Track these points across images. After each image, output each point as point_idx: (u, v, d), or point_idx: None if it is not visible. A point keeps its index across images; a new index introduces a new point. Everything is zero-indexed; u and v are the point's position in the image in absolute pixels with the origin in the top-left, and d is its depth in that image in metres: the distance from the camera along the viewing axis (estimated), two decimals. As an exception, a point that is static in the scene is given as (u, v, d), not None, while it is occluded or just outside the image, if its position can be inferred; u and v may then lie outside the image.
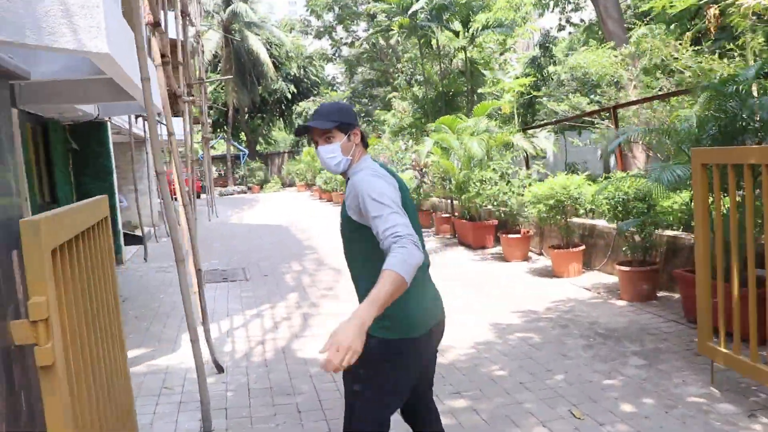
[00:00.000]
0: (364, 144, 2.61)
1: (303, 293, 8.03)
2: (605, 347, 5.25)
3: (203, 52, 21.12)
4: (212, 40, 31.62)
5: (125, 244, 11.47)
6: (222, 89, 35.41)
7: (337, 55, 34.44)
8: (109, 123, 10.53)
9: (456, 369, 4.98)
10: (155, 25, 4.82)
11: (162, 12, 8.81)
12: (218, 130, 38.92)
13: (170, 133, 5.14)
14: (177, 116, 12.20)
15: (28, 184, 8.08)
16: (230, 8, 31.78)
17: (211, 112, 38.70)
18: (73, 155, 10.18)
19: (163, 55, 5.74)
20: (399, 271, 2.01)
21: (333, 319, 6.51)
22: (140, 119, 12.48)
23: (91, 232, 2.64)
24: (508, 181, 9.78)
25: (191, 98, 9.97)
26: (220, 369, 5.16)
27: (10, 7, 3.95)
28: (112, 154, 10.72)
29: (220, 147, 40.76)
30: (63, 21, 4.18)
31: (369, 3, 20.00)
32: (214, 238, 14.26)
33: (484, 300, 7.18)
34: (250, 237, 14.28)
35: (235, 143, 38.94)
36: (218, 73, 34.26)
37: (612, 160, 11.77)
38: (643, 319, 6.01)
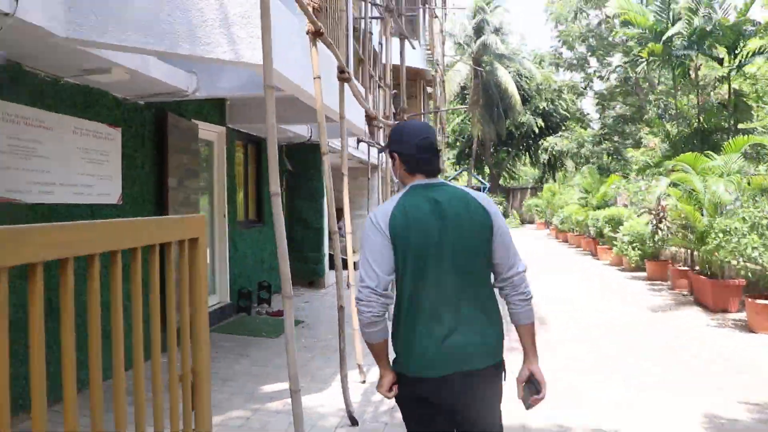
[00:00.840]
0: (417, 170, 2.44)
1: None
2: None
3: (443, 81, 21.17)
4: (461, 72, 31.88)
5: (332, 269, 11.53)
6: (468, 121, 35.54)
7: (588, 88, 32.73)
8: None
9: (633, 472, 3.80)
10: (316, 34, 4.43)
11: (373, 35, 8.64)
12: (462, 161, 39.17)
13: (323, 153, 4.71)
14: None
15: (231, 202, 8.32)
16: (480, 40, 31.81)
17: (457, 143, 39.15)
18: (288, 177, 10.45)
19: (341, 71, 5.38)
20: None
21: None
22: (362, 144, 12.56)
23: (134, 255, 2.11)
24: (762, 234, 7.93)
25: (394, 122, 9.67)
26: (354, 422, 4.56)
27: (167, 17, 3.83)
28: (325, 177, 10.84)
29: (464, 180, 40.92)
30: (220, 31, 3.99)
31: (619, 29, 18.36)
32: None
33: (705, 379, 5.68)
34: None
35: (477, 176, 38.82)
36: (465, 105, 34.50)
37: None
38: None
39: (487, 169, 39.52)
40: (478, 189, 37.69)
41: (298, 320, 8.09)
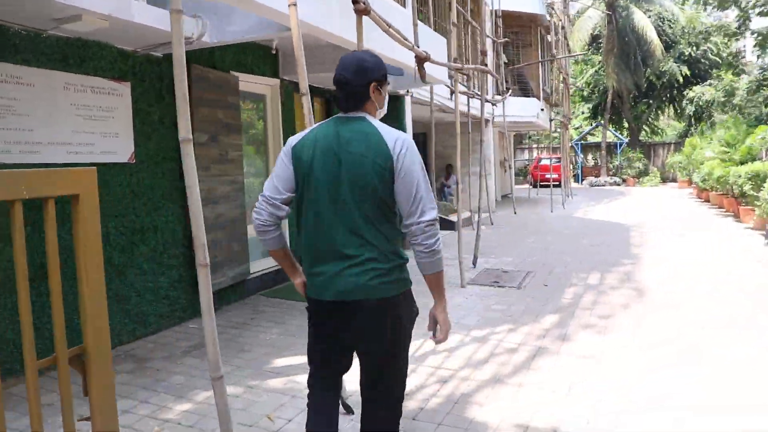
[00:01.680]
0: (336, 104, 2.63)
1: (567, 317, 6.11)
2: None
3: (563, 28, 19.37)
4: (593, 18, 29.34)
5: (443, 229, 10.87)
6: (602, 72, 32.84)
7: (744, 28, 28.82)
8: (407, 97, 9.85)
9: None
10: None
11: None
12: (598, 115, 36.50)
13: (302, 93, 3.90)
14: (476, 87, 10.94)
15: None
16: (615, -19, 29.03)
17: (592, 96, 36.54)
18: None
19: (354, 2, 4.54)
20: None
21: (570, 364, 4.66)
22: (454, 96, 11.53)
23: None
24: None
25: (465, 66, 8.60)
26: (348, 410, 3.83)
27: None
28: (409, 128, 10.06)
29: (599, 135, 38.13)
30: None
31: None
32: (535, 232, 12.79)
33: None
34: (575, 235, 12.36)
35: (614, 131, 35.98)
36: (599, 55, 31.88)
37: None
38: None
39: (625, 123, 36.56)
40: (616, 145, 34.84)
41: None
